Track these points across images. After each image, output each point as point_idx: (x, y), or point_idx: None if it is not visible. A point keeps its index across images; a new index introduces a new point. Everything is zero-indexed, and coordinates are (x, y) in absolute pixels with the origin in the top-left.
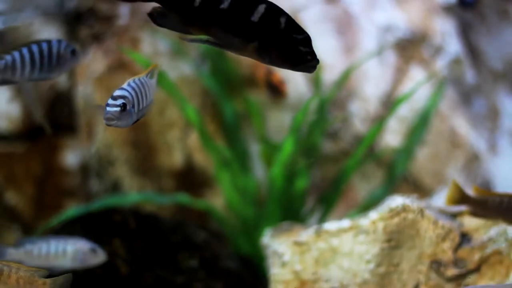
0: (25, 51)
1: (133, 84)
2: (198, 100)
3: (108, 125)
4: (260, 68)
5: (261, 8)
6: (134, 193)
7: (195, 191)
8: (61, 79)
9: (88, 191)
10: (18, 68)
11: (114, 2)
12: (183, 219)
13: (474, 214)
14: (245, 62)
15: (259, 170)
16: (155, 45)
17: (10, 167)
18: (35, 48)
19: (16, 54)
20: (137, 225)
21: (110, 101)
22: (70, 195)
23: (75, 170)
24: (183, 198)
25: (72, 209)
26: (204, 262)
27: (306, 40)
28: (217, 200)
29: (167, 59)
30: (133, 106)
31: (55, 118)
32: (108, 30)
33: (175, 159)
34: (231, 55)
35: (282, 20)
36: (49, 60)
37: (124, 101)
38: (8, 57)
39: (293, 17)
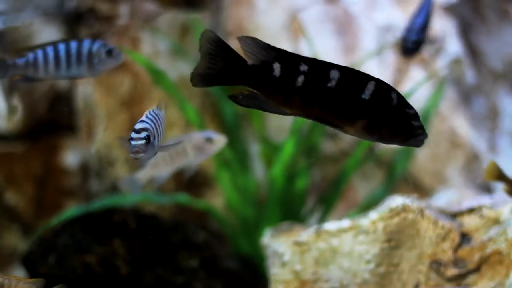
0: (49, 49)
1: (150, 117)
2: (198, 100)
3: (135, 158)
4: None
5: (371, 85)
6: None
7: (195, 191)
8: (61, 79)
9: (88, 191)
10: (40, 65)
11: (114, 2)
12: (183, 219)
13: (510, 192)
14: None
15: (259, 170)
16: (155, 45)
17: (10, 167)
18: (61, 46)
19: (40, 52)
20: (137, 225)
21: (134, 135)
22: (70, 195)
23: (75, 170)
24: (183, 198)
25: (72, 209)
26: (204, 262)
27: (416, 114)
28: (217, 200)
29: (167, 59)
30: (154, 138)
31: (55, 118)
32: (108, 30)
33: None
34: None
35: (394, 96)
36: (78, 59)
37: (147, 134)
38: (30, 55)
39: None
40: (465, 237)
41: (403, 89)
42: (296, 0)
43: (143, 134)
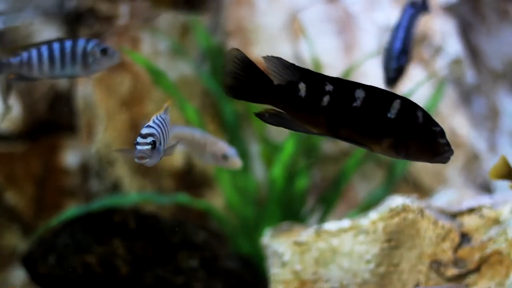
0: (44, 48)
1: (157, 122)
2: (198, 100)
3: (140, 163)
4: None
5: (397, 104)
6: (134, 193)
7: (195, 191)
8: (61, 79)
9: (88, 191)
10: (34, 65)
11: (114, 2)
12: (183, 219)
13: None
14: None
15: (259, 170)
16: (155, 45)
17: (10, 167)
18: (56, 46)
19: (34, 51)
20: (137, 225)
21: (140, 140)
22: (70, 195)
23: (75, 170)
24: (183, 198)
25: (72, 209)
26: (204, 262)
27: (442, 132)
28: (217, 200)
29: (167, 59)
30: (160, 143)
31: (55, 118)
32: (108, 30)
33: (175, 159)
34: None
35: (419, 114)
36: (72, 58)
37: (153, 139)
38: (24, 54)
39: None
40: (465, 237)
41: (403, 89)
42: (296, 0)
43: (149, 139)
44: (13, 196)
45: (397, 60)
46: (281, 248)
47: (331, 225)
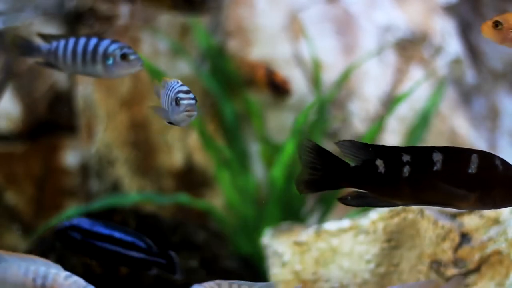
0: (71, 41)
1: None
2: (198, 100)
3: (189, 117)
4: (260, 68)
5: (475, 158)
6: (134, 193)
7: (195, 191)
8: (61, 79)
9: (88, 191)
10: (60, 56)
11: (114, 2)
12: (183, 219)
13: None
14: (244, 62)
15: (259, 170)
16: (155, 45)
17: (10, 167)
18: (82, 41)
19: (62, 42)
20: (137, 225)
21: (184, 95)
22: (70, 195)
23: (75, 170)
24: (183, 198)
25: (72, 209)
26: (204, 262)
27: None
28: (217, 200)
29: (167, 59)
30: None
31: (55, 118)
32: (108, 30)
33: (175, 159)
34: (231, 55)
35: (498, 162)
36: (93, 57)
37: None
38: (54, 43)
39: None
40: (465, 237)
41: (403, 89)
42: (296, 0)
43: (192, 95)
44: (13, 196)
45: None
46: (281, 248)
47: (331, 225)
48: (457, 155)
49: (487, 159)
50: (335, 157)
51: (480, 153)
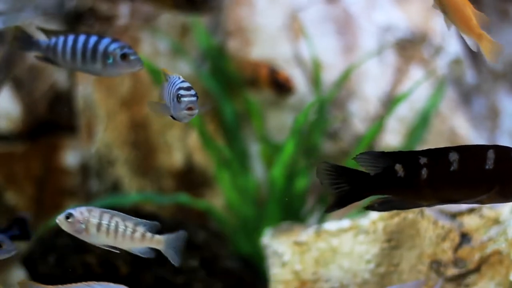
0: (70, 38)
1: (181, 78)
2: (198, 100)
3: (190, 115)
4: (263, 67)
5: (491, 153)
6: (134, 193)
7: (195, 191)
8: (61, 79)
9: (88, 191)
10: (58, 52)
11: (114, 2)
12: (183, 219)
13: None
14: (247, 62)
15: (259, 170)
16: (155, 45)
17: (10, 167)
18: (81, 38)
19: (61, 38)
20: None
21: (185, 92)
22: (70, 195)
23: (75, 170)
24: (183, 198)
25: None
26: (204, 262)
27: None
28: (217, 200)
29: (167, 59)
30: None
31: (55, 118)
32: (108, 30)
33: (175, 159)
34: (231, 55)
35: None
36: (93, 55)
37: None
38: (53, 39)
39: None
40: (465, 237)
41: (403, 89)
42: (296, 0)
43: (193, 91)
44: (13, 196)
45: None
46: (281, 248)
47: (331, 225)
48: (472, 153)
49: (503, 153)
50: (355, 170)
51: (496, 148)
